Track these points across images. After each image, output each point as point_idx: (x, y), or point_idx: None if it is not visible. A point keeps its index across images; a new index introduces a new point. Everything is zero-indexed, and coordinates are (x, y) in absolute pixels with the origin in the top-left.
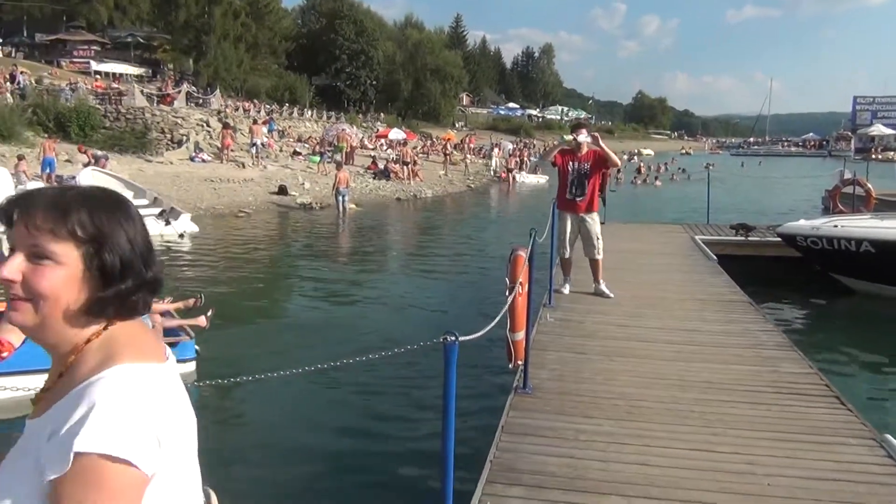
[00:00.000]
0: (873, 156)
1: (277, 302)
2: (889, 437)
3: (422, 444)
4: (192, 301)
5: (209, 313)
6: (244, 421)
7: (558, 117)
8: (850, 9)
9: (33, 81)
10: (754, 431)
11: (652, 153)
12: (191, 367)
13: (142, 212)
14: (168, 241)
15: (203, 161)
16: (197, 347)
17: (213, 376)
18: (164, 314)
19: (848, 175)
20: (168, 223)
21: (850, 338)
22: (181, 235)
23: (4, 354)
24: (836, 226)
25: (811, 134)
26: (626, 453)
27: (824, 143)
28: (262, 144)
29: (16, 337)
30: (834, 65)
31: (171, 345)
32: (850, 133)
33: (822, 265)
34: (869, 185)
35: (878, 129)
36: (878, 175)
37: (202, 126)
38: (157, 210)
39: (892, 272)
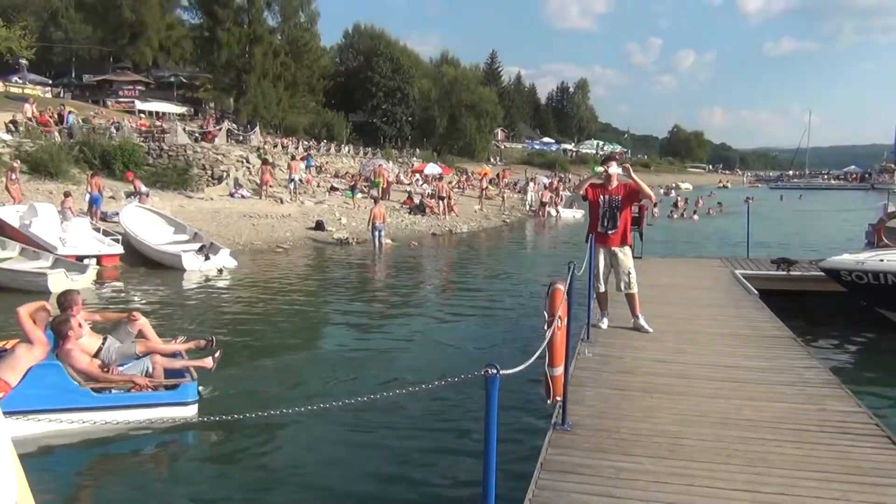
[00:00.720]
0: None
1: (312, 337)
2: None
3: (458, 483)
4: (203, 342)
5: (216, 355)
6: (269, 460)
7: (593, 151)
8: (891, 40)
9: (80, 121)
10: (800, 471)
11: (690, 187)
12: (192, 410)
13: (183, 247)
14: (207, 276)
15: (242, 197)
16: (200, 388)
17: (241, 410)
18: (174, 355)
19: (892, 208)
20: (208, 258)
21: None
22: (220, 271)
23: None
24: (882, 260)
25: (853, 166)
26: (667, 493)
27: (866, 175)
28: (301, 180)
29: (12, 376)
30: (874, 96)
31: (171, 387)
32: (893, 165)
33: (868, 300)
34: None
35: None
36: None
37: (242, 162)
38: (197, 245)
39: None
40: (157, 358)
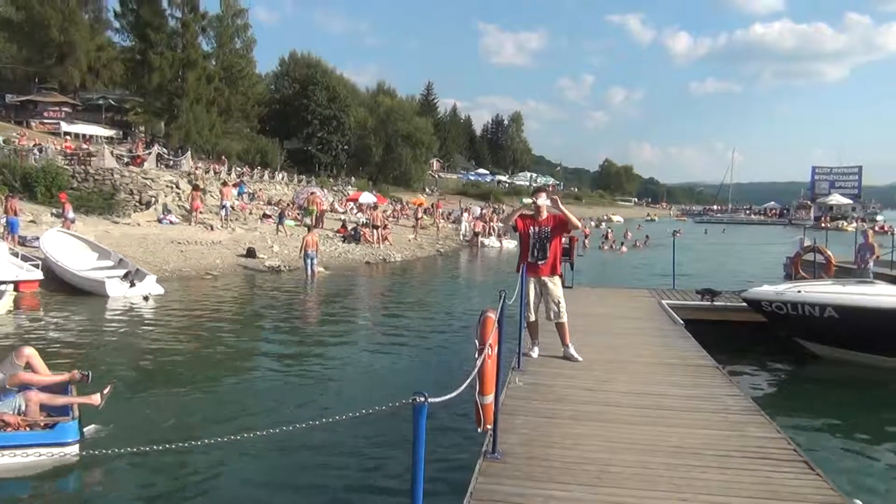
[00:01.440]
0: (822, 224)
1: (238, 367)
2: (858, 501)
3: None
4: (78, 375)
5: (106, 391)
6: (184, 494)
7: (527, 183)
8: (807, 84)
9: (2, 141)
10: (724, 497)
11: (621, 220)
12: (72, 450)
13: (106, 273)
14: (132, 304)
15: (171, 223)
16: (85, 429)
17: (160, 442)
18: (51, 388)
19: (808, 242)
20: (133, 285)
21: (816, 403)
22: (146, 298)
23: None
24: (799, 291)
25: (772, 202)
26: None
27: (785, 211)
28: (232, 207)
29: None
30: (793, 136)
31: (49, 426)
32: (809, 202)
33: (786, 330)
34: (829, 253)
35: (836, 198)
36: (837, 242)
37: (171, 188)
38: (121, 272)
39: (856, 338)
40: (33, 394)
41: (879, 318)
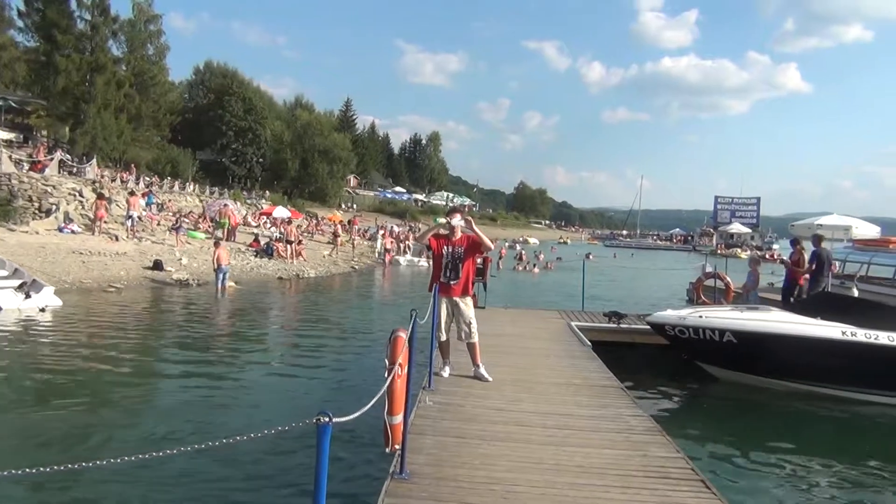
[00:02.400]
0: (719, 251)
1: (140, 384)
2: None
3: None
4: None
5: None
6: None
7: (444, 202)
8: (712, 117)
9: None
10: None
11: (538, 242)
12: None
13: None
14: (27, 316)
15: (73, 232)
16: None
17: (44, 464)
18: None
19: (709, 269)
20: (28, 296)
21: (713, 423)
22: (42, 310)
23: None
24: (700, 316)
25: (677, 229)
26: None
27: (689, 238)
28: (139, 217)
29: None
30: (698, 166)
31: None
32: (712, 230)
33: (688, 353)
34: (728, 279)
35: (737, 227)
36: (734, 269)
37: (74, 196)
38: (16, 282)
39: (753, 361)
40: None
41: (774, 343)
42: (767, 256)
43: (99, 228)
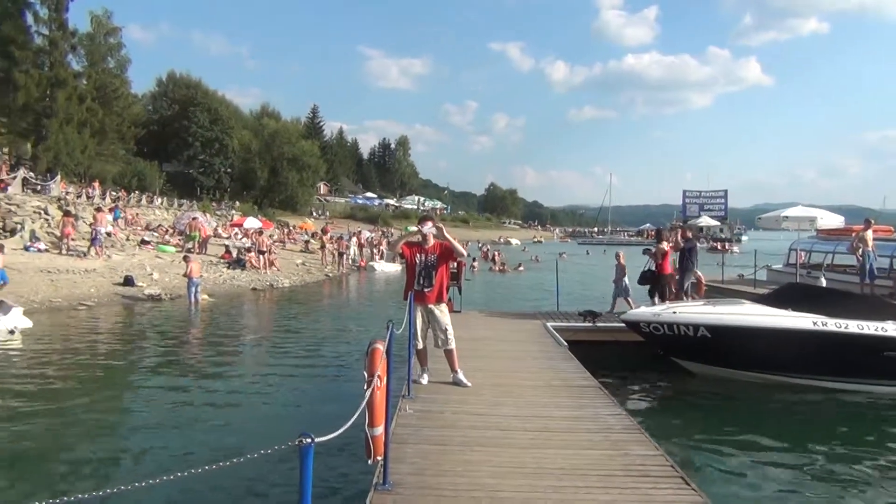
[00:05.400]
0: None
1: (112, 405)
2: None
3: None
4: None
5: None
6: None
7: (415, 206)
8: (676, 111)
9: None
10: None
11: (519, 242)
12: None
13: None
14: None
15: (39, 251)
16: None
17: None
18: None
19: None
20: None
21: (690, 418)
22: (11, 332)
23: None
24: (675, 312)
25: (647, 224)
26: None
27: (659, 232)
28: (107, 233)
29: None
30: (664, 161)
31: None
32: (681, 224)
33: (663, 349)
34: (699, 273)
35: (706, 220)
36: (705, 263)
37: (39, 214)
38: None
39: (727, 355)
40: None
41: (748, 336)
42: (719, 247)
43: (67, 246)
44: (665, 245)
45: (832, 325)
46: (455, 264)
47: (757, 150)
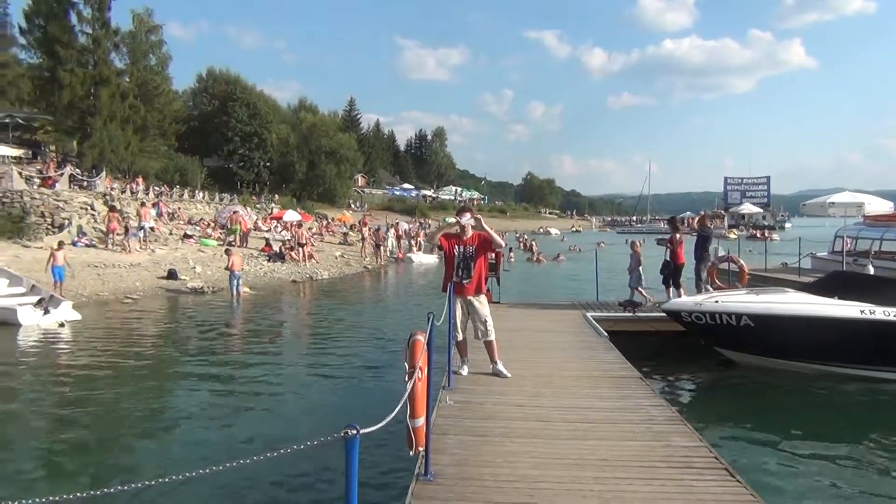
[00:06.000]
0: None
1: (161, 396)
2: None
3: None
4: None
5: None
6: None
7: (452, 197)
8: (716, 96)
9: None
10: None
11: (559, 232)
12: None
13: (18, 300)
14: (47, 332)
15: (86, 246)
16: None
17: (71, 487)
18: None
19: (722, 252)
20: (47, 312)
21: (734, 409)
22: (61, 325)
23: None
24: (717, 301)
25: (688, 213)
26: None
27: None
28: (151, 228)
29: None
30: (705, 147)
31: None
32: (723, 212)
33: (705, 339)
34: (742, 262)
35: (748, 207)
36: (747, 251)
37: (86, 209)
38: (34, 299)
39: (771, 345)
40: None
41: (792, 325)
42: (758, 235)
43: (112, 241)
44: (678, 235)
45: (880, 313)
46: (493, 255)
47: (801, 135)
